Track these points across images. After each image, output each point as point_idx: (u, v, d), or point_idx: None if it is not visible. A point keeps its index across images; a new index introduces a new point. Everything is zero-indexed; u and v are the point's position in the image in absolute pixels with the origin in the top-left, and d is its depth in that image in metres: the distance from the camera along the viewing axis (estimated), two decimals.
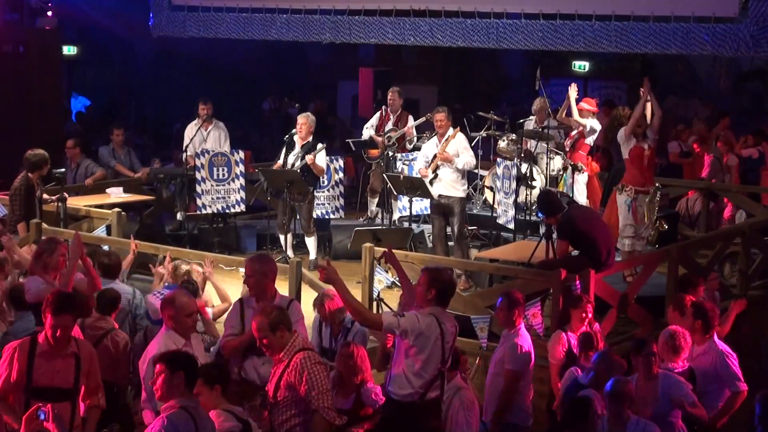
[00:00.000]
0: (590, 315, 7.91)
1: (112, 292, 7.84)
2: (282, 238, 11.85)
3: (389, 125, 13.01)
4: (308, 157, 11.45)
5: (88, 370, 6.18)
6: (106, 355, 7.36)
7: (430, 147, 11.42)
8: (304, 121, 11.69)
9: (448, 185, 11.15)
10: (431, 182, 11.20)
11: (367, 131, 13.20)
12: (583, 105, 12.02)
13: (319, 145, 11.60)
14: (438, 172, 11.17)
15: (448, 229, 11.38)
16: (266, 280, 6.97)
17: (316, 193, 12.30)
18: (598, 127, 11.98)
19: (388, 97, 13.24)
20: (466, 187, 11.41)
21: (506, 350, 7.42)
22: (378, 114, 13.32)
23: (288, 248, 11.82)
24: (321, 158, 11.65)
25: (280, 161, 11.88)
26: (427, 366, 6.37)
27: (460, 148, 11.15)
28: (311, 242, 11.81)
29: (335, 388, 6.80)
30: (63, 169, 11.48)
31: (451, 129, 11.27)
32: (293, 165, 11.64)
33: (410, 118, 13.15)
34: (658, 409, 7.01)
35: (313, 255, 11.82)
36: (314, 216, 12.06)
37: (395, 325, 6.34)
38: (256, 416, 6.13)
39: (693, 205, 13.86)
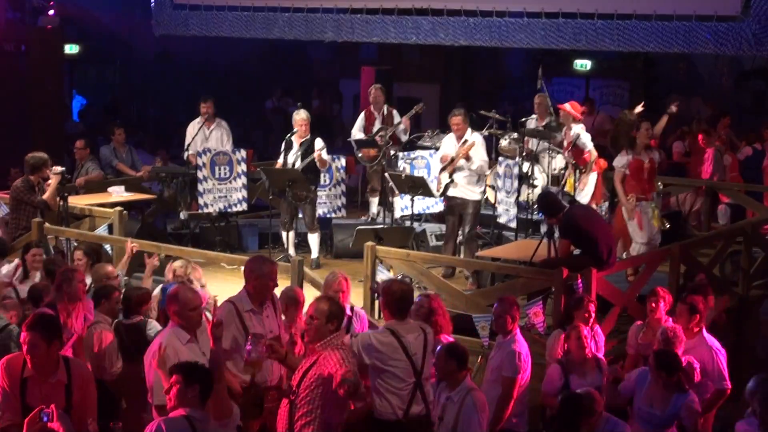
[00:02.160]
0: (593, 315, 7.91)
1: (100, 288, 7.85)
2: (284, 236, 11.86)
3: (377, 124, 12.99)
4: (315, 154, 11.45)
5: (81, 394, 5.98)
6: (88, 349, 7.35)
7: (449, 146, 11.37)
8: (301, 118, 11.69)
9: (463, 188, 11.16)
10: (447, 186, 11.19)
11: (357, 135, 13.15)
12: (567, 107, 11.88)
13: (318, 143, 11.58)
14: (453, 176, 11.16)
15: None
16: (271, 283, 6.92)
17: (318, 192, 12.31)
18: (585, 134, 11.86)
19: (371, 95, 13.20)
20: (482, 189, 11.39)
21: (504, 357, 7.37)
22: (363, 114, 13.26)
23: (290, 247, 11.82)
24: (324, 152, 11.66)
25: (280, 161, 11.88)
26: (397, 381, 6.35)
27: (475, 151, 11.12)
28: (314, 239, 11.81)
29: None
30: (63, 168, 11.47)
31: (469, 131, 11.24)
32: (293, 164, 11.64)
33: (395, 112, 13.13)
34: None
35: (315, 253, 11.82)
36: (316, 214, 12.07)
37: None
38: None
39: (684, 202, 13.90)
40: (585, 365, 7.45)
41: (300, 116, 11.72)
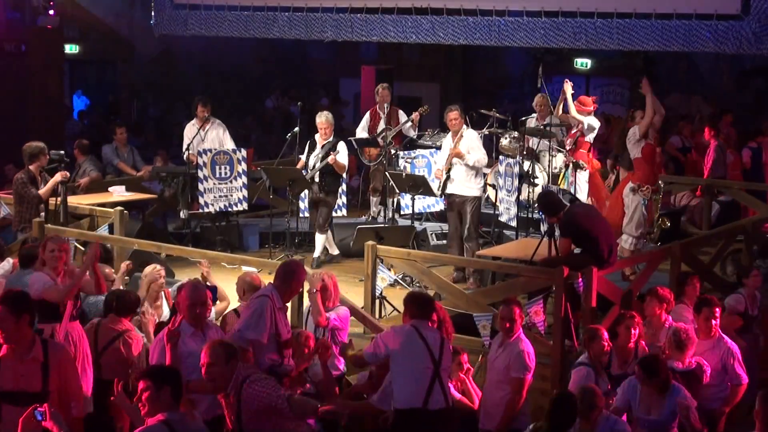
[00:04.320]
0: (638, 331, 7.82)
1: (131, 295, 7.85)
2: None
3: (381, 124, 12.99)
4: (329, 159, 11.49)
5: (59, 376, 5.90)
6: (118, 357, 7.36)
7: (446, 147, 11.39)
8: (321, 121, 11.71)
9: (461, 184, 11.13)
10: (445, 182, 11.20)
11: (361, 133, 13.15)
12: (579, 104, 11.97)
13: (340, 146, 11.62)
14: (451, 172, 11.15)
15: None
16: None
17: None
18: (596, 124, 11.94)
19: (378, 94, 13.20)
20: (481, 186, 11.34)
21: (513, 358, 7.35)
22: (368, 114, 13.26)
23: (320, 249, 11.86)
24: (342, 155, 11.65)
25: (303, 160, 11.91)
26: (415, 365, 6.47)
27: (471, 145, 11.13)
28: (320, 239, 11.81)
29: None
30: (62, 151, 11.44)
31: (464, 127, 11.25)
32: (313, 165, 11.66)
33: (401, 112, 13.12)
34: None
35: (317, 252, 11.82)
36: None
37: (374, 351, 6.58)
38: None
39: (680, 199, 13.92)
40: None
41: (320, 119, 11.76)
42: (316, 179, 11.66)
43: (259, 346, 6.76)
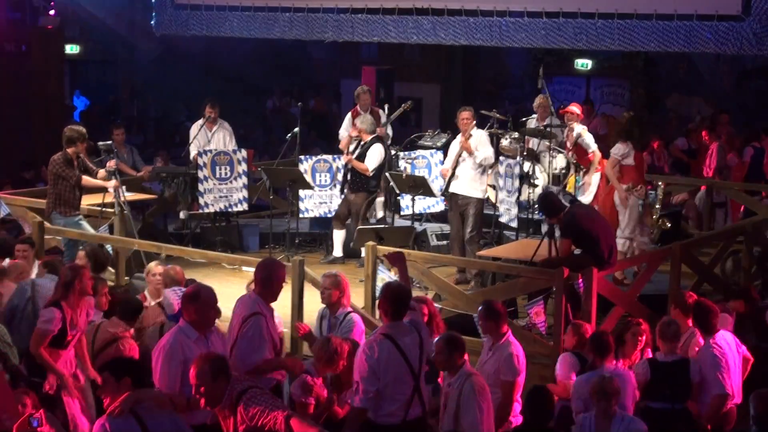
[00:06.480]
0: (644, 338, 7.80)
1: (135, 301, 7.85)
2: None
3: None
4: (344, 158, 11.62)
5: None
6: None
7: (454, 146, 11.42)
8: (357, 125, 11.85)
9: (466, 184, 11.14)
10: (449, 181, 11.22)
11: (343, 134, 13.11)
12: (573, 109, 11.97)
13: (372, 149, 11.67)
14: (457, 170, 11.16)
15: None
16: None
17: (318, 192, 12.35)
18: (588, 134, 11.91)
19: (358, 99, 13.14)
20: (484, 188, 11.36)
21: (502, 361, 7.24)
22: (349, 115, 13.21)
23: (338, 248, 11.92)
24: (371, 157, 11.65)
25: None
26: (397, 387, 6.24)
27: (479, 143, 11.16)
28: (339, 236, 11.93)
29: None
30: (110, 141, 11.43)
31: (474, 129, 11.29)
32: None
33: (381, 113, 13.10)
34: None
35: (337, 251, 11.94)
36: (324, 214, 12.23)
37: (363, 392, 6.22)
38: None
39: (678, 201, 13.94)
40: None
41: (357, 121, 11.91)
42: (348, 178, 11.80)
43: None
